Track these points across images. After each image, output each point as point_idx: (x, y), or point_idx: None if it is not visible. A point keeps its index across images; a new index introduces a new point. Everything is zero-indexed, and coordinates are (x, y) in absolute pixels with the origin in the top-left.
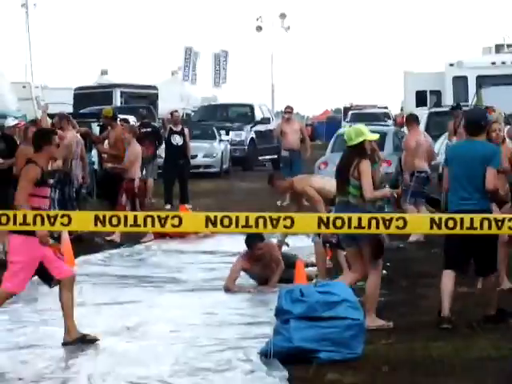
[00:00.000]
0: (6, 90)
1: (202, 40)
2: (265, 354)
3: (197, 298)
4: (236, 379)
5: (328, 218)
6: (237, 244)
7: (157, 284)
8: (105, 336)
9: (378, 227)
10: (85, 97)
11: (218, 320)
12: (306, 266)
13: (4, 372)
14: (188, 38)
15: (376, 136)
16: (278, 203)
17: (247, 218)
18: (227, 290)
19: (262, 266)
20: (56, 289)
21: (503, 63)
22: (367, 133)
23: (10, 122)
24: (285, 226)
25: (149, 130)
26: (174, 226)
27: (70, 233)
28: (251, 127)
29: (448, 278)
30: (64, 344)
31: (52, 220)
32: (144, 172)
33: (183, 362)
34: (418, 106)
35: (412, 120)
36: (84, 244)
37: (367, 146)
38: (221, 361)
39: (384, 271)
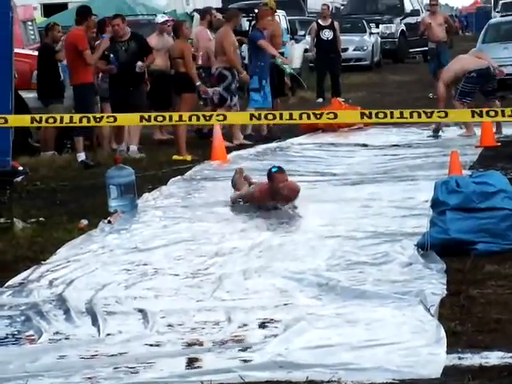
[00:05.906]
0: None
1: None
2: (422, 247)
3: (351, 190)
4: (393, 272)
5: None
6: (389, 136)
7: (310, 177)
8: (259, 231)
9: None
10: None
11: (373, 213)
12: None
13: (159, 268)
14: None
15: None
16: (430, 95)
17: (401, 112)
18: None
19: None
20: (210, 184)
21: None
22: None
23: (160, 18)
24: (439, 117)
25: None
26: (329, 119)
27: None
28: (401, 19)
29: None
30: None
31: (208, 118)
32: None
33: (339, 256)
34: None
35: None
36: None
37: None
38: (377, 254)
39: None
